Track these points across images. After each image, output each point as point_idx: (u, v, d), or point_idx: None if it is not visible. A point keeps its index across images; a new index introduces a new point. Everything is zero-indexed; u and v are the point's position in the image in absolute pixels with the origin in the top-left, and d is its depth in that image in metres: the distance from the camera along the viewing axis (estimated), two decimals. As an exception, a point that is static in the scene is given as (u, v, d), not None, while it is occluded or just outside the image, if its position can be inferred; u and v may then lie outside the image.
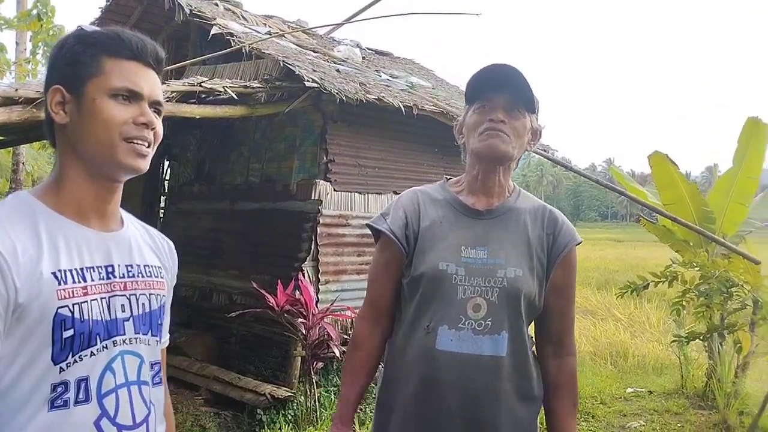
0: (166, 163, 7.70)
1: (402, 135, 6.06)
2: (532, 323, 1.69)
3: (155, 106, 1.17)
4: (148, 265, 1.25)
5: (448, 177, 1.81)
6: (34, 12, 7.82)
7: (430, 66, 10.10)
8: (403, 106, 5.41)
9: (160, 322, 1.26)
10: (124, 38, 1.14)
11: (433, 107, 5.84)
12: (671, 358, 7.15)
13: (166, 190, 7.58)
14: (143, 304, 1.20)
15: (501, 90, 1.57)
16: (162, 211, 7.66)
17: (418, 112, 5.61)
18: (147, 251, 1.28)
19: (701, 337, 4.96)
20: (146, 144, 1.14)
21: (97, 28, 1.18)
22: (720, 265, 4.53)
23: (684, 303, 4.69)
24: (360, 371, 1.68)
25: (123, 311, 1.15)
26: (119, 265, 1.17)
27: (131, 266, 1.20)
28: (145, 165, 1.16)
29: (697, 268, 4.68)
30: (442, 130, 6.18)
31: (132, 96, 1.12)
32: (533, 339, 1.70)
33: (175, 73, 5.94)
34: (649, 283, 4.81)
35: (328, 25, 7.33)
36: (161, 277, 1.29)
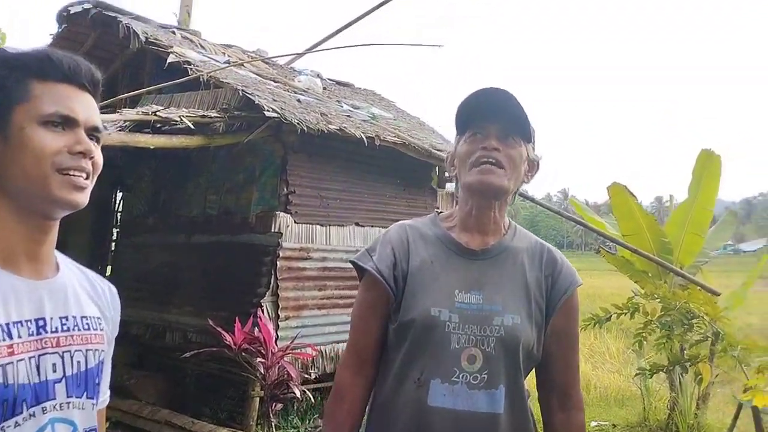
0: (119, 194, 7.42)
1: (364, 166, 5.99)
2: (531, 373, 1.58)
3: (93, 132, 1.04)
4: (85, 317, 1.10)
5: (439, 210, 1.70)
6: (-19, 38, 7.52)
7: (392, 97, 10.13)
8: (365, 137, 5.35)
9: (97, 382, 1.10)
10: (55, 59, 1.01)
11: (395, 138, 5.80)
12: (632, 390, 7.16)
13: (118, 223, 7.27)
14: (78, 362, 1.05)
15: (494, 117, 1.45)
16: (113, 244, 7.35)
17: (380, 143, 5.55)
18: (85, 300, 1.13)
19: (664, 370, 4.95)
20: (84, 175, 1.01)
21: (24, 49, 1.05)
22: (680, 297, 4.56)
23: (645, 334, 4.70)
24: (343, 425, 1.51)
25: (54, 371, 1.00)
26: (52, 318, 1.03)
27: (66, 318, 1.05)
28: (83, 199, 1.02)
29: (658, 300, 4.71)
30: (404, 161, 6.15)
31: (66, 122, 0.99)
32: (528, 392, 1.58)
33: (130, 102, 5.74)
34: (611, 315, 4.81)
35: (289, 55, 7.27)
36: (100, 330, 1.14)
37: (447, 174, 1.55)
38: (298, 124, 4.65)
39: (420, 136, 6.56)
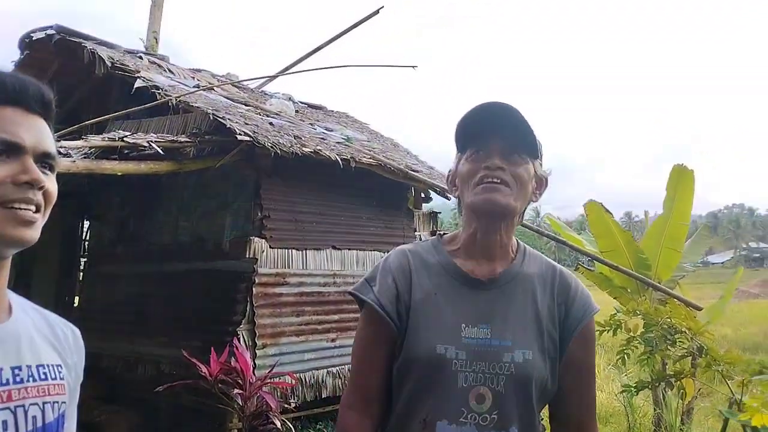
0: (86, 223, 7.19)
1: (340, 189, 5.89)
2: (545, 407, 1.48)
3: (45, 159, 0.94)
4: (42, 365, 0.98)
5: (442, 233, 1.56)
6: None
7: (365, 119, 10.10)
8: (341, 159, 5.26)
9: None
10: None
11: (371, 160, 5.73)
12: (615, 406, 7.11)
13: (85, 252, 7.04)
14: (34, 416, 0.93)
15: (497, 133, 1.35)
16: (81, 275, 7.10)
17: (355, 165, 5.47)
18: (43, 346, 1.01)
19: (649, 386, 4.91)
20: (33, 208, 0.91)
21: None
22: (663, 313, 4.53)
23: (629, 351, 4.66)
24: None
25: (5, 429, 0.88)
26: (2, 369, 0.91)
27: (19, 369, 0.93)
28: (32, 234, 0.91)
29: (640, 316, 4.68)
30: (380, 182, 6.08)
31: (9, 149, 0.89)
32: (544, 426, 1.50)
33: (96, 129, 5.58)
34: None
35: (260, 78, 7.19)
36: (60, 379, 1.01)
37: (453, 196, 1.45)
38: (271, 147, 4.54)
39: (395, 157, 6.51)
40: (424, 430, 1.32)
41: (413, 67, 4.73)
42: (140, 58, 6.26)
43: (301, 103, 7.95)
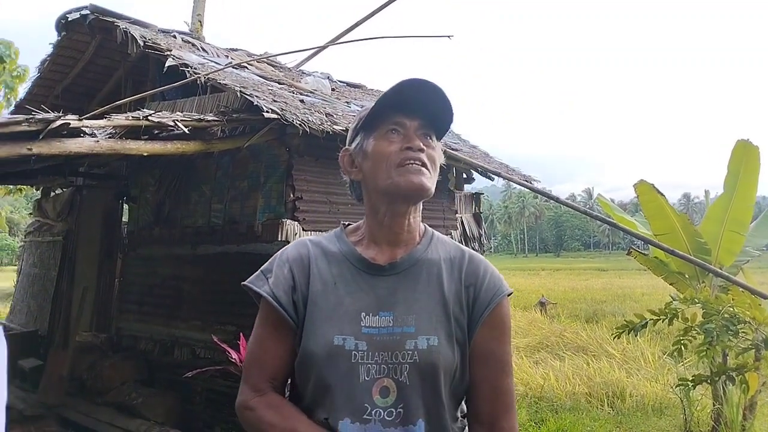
0: (125, 206, 7.22)
1: (375, 169, 5.66)
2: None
3: None
4: None
5: (346, 223, 1.44)
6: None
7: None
8: (375, 138, 5.02)
9: None
10: None
11: (408, 138, 5.47)
12: (670, 398, 6.72)
13: (125, 235, 7.06)
14: None
15: (417, 112, 1.29)
16: (120, 257, 7.14)
17: (390, 143, 5.22)
18: None
19: (708, 380, 4.54)
20: None
21: None
22: (724, 301, 4.16)
23: (686, 342, 4.31)
24: (282, 410, 1.26)
25: None
26: None
27: None
28: None
29: (699, 305, 4.31)
30: (418, 162, 5.82)
31: None
32: (464, 423, 1.34)
33: (133, 109, 5.52)
34: (647, 322, 4.43)
35: (295, 51, 6.98)
36: None
37: (349, 177, 1.32)
38: (300, 125, 4.34)
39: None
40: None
41: (449, 36, 4.44)
42: (174, 37, 6.15)
43: (340, 81, 7.73)
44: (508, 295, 1.34)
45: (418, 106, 1.28)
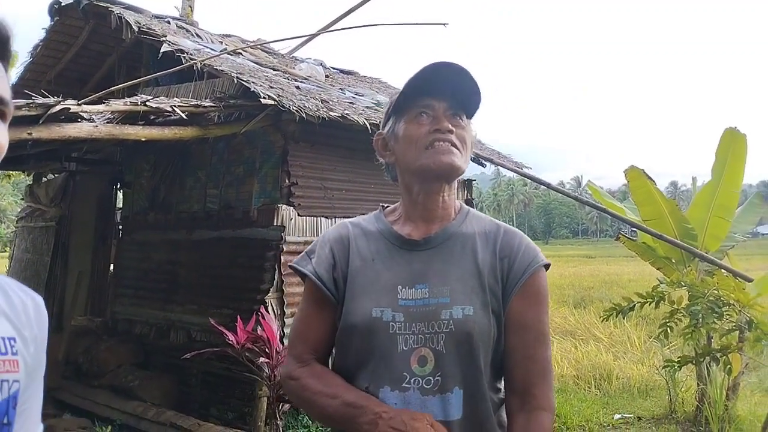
0: (119, 191, 7.24)
1: (370, 155, 5.65)
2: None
3: None
4: None
5: (385, 205, 1.51)
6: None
7: (398, 85, 9.87)
8: (369, 124, 5.09)
9: (6, 421, 0.85)
10: None
11: (402, 125, 5.53)
12: (656, 380, 6.88)
13: (119, 220, 7.09)
14: None
15: (445, 94, 1.31)
16: (115, 242, 7.17)
17: (385, 130, 5.28)
18: None
19: (693, 361, 4.67)
20: None
21: None
22: (710, 284, 4.27)
23: (672, 324, 4.43)
24: (325, 378, 1.33)
25: None
26: None
27: None
28: None
29: (685, 288, 4.43)
30: (411, 148, 5.88)
31: None
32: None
33: (125, 96, 5.54)
34: (635, 305, 4.54)
35: (290, 39, 7.01)
36: (12, 354, 0.88)
37: (383, 160, 1.38)
38: (296, 111, 4.40)
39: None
40: None
41: (444, 24, 4.49)
42: (168, 23, 6.16)
43: (333, 68, 7.76)
44: (546, 267, 1.35)
45: (446, 87, 1.31)
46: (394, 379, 1.25)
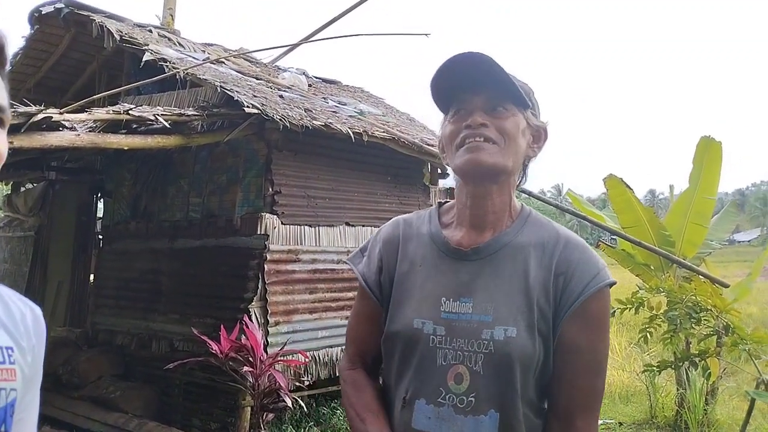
0: (100, 200, 7.18)
1: (353, 164, 5.76)
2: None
3: None
4: None
5: (443, 201, 1.44)
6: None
7: (381, 94, 9.91)
8: (353, 133, 5.12)
9: (3, 430, 0.85)
10: None
11: (384, 133, 5.58)
12: (637, 386, 6.97)
13: (99, 229, 7.02)
14: None
15: (475, 87, 1.21)
16: (95, 252, 7.10)
17: (368, 138, 5.32)
18: None
19: (672, 366, 4.75)
20: None
21: None
22: (688, 290, 4.36)
23: (651, 329, 4.51)
24: (361, 391, 1.34)
25: None
26: None
27: None
28: None
29: (663, 294, 4.51)
30: (394, 157, 5.93)
31: None
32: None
33: (107, 104, 5.51)
34: (615, 311, 4.61)
35: (273, 48, 7.03)
36: (10, 363, 0.88)
37: (444, 164, 1.32)
38: (280, 120, 4.42)
39: (410, 131, 6.34)
40: (405, 409, 1.24)
41: (426, 34, 4.55)
42: (150, 31, 6.14)
43: (316, 77, 7.78)
44: (610, 286, 1.21)
45: (474, 80, 1.21)
46: (430, 393, 1.21)
